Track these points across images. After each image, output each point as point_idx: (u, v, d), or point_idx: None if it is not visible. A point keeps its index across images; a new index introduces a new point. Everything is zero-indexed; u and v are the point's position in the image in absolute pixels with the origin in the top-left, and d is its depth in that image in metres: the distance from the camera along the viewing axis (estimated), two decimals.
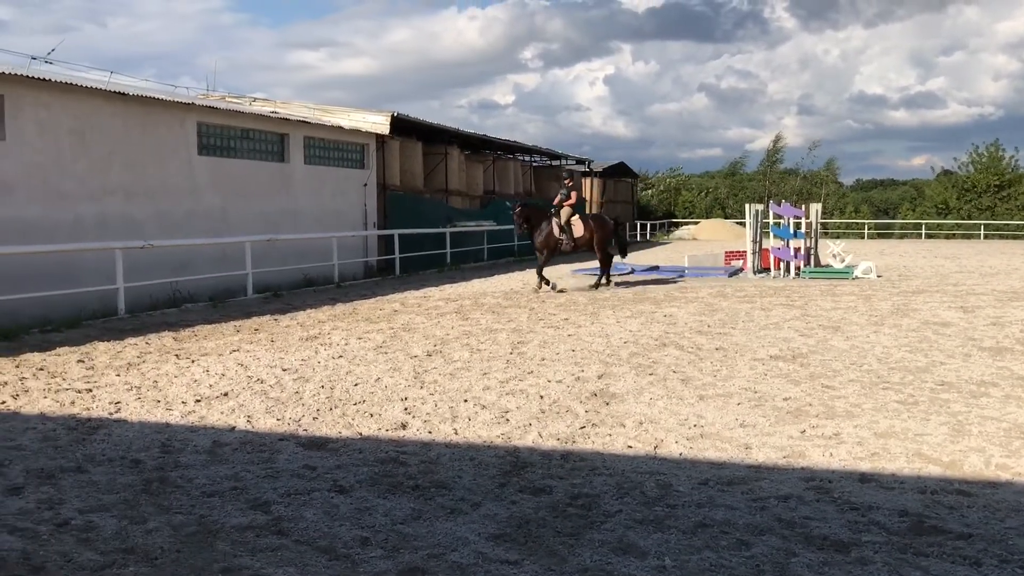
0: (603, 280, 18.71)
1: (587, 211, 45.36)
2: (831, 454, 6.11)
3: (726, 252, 26.30)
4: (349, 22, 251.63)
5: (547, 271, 18.45)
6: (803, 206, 22.71)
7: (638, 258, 31.14)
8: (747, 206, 23.32)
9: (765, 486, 5.44)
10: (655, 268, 24.65)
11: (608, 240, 18.14)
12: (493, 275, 20.84)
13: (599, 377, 8.80)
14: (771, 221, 22.49)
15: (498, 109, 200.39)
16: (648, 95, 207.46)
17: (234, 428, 6.95)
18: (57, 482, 5.54)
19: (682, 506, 5.07)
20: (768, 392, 8.07)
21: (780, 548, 4.44)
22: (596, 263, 19.22)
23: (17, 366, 9.44)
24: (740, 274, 22.50)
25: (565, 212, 17.54)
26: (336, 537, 4.62)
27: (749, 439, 6.52)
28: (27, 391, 8.19)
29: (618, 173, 53.78)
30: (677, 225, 62.17)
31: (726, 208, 67.32)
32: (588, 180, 48.63)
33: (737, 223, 54.67)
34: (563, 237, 17.44)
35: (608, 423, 7.03)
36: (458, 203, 31.38)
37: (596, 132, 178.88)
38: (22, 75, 14.42)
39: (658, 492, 5.33)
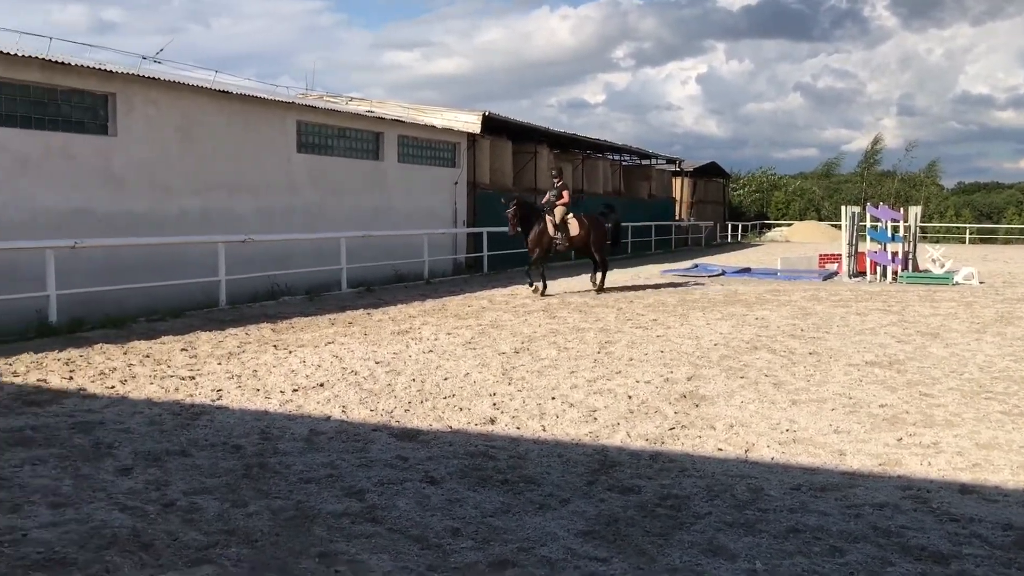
0: (601, 281, 18.14)
1: (676, 212, 45.49)
2: (929, 463, 5.95)
3: (820, 255, 25.67)
4: (443, 23, 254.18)
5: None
6: (901, 209, 22.03)
7: (728, 259, 30.69)
8: (843, 208, 22.73)
9: (860, 493, 5.33)
10: (747, 270, 24.24)
11: (603, 241, 17.85)
12: (579, 274, 20.77)
13: (688, 379, 8.74)
14: (868, 224, 21.89)
15: (588, 108, 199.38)
16: (742, 94, 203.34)
17: (330, 418, 7.14)
18: (163, 464, 5.80)
19: (773, 511, 5.01)
20: (863, 398, 7.89)
21: (875, 556, 4.35)
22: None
23: (125, 353, 9.88)
24: (835, 278, 21.97)
25: (559, 211, 17.37)
26: (428, 527, 4.72)
27: (843, 445, 6.39)
28: (134, 377, 8.57)
29: (709, 173, 53.03)
30: (769, 227, 60.96)
31: (820, 210, 65.69)
32: (679, 180, 48.11)
33: (832, 225, 53.34)
34: (558, 236, 17.29)
35: (698, 425, 6.98)
36: None
37: (688, 131, 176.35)
38: (133, 74, 15.06)
39: (749, 496, 5.28)
